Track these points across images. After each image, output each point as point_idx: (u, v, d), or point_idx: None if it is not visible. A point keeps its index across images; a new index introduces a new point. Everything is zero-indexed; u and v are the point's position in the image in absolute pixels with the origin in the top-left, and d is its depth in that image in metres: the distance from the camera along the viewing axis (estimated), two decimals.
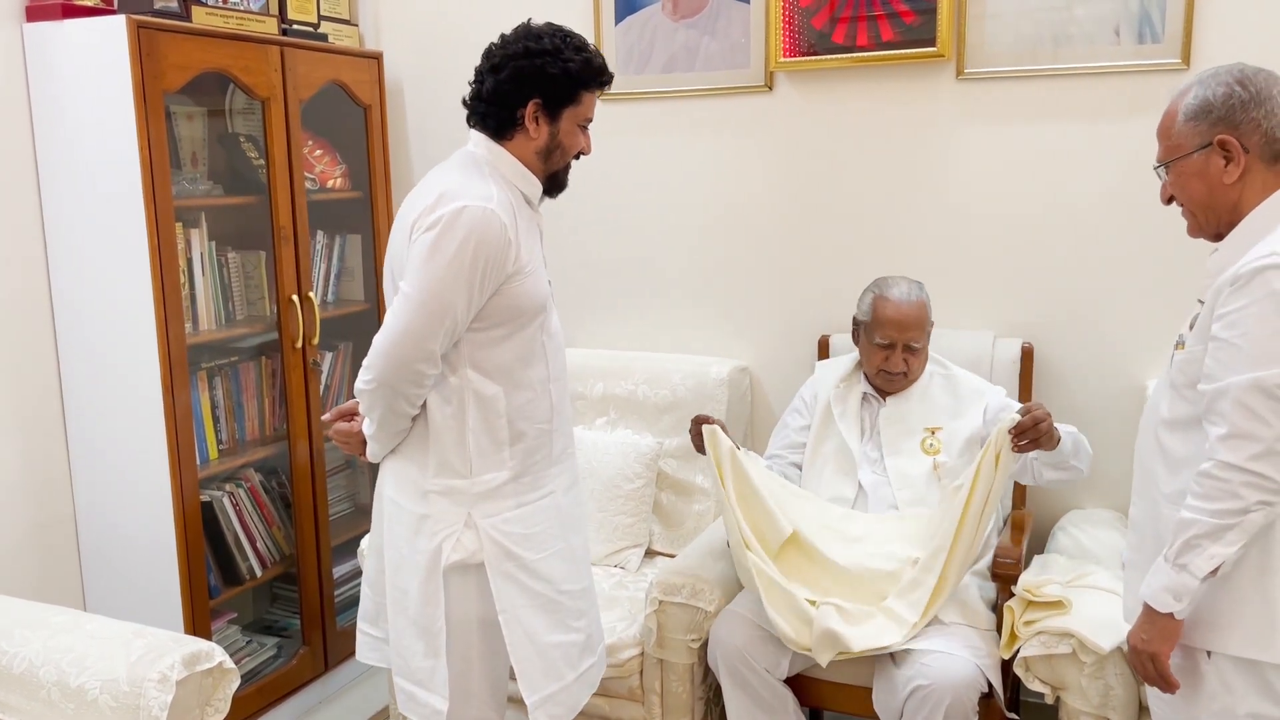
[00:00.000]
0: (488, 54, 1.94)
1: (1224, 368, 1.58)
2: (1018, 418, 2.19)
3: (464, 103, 1.98)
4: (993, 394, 2.55)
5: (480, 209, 1.81)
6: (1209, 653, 1.66)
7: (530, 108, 1.90)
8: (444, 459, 1.94)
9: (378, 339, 1.87)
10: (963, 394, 2.56)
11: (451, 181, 1.88)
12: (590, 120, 1.98)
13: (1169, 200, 1.78)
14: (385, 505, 2.05)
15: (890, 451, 2.53)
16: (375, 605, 2.13)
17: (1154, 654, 1.67)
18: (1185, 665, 1.70)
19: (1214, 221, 1.72)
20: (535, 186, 1.98)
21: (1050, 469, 2.36)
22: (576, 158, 2.01)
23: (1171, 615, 1.64)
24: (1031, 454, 2.28)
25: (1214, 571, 1.59)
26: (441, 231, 1.80)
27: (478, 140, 1.97)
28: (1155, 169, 1.78)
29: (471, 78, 1.98)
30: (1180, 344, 1.72)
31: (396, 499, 2.00)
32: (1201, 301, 1.70)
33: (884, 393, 2.58)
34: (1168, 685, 1.69)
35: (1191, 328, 1.70)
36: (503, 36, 1.95)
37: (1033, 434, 2.18)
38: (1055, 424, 2.21)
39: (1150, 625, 1.67)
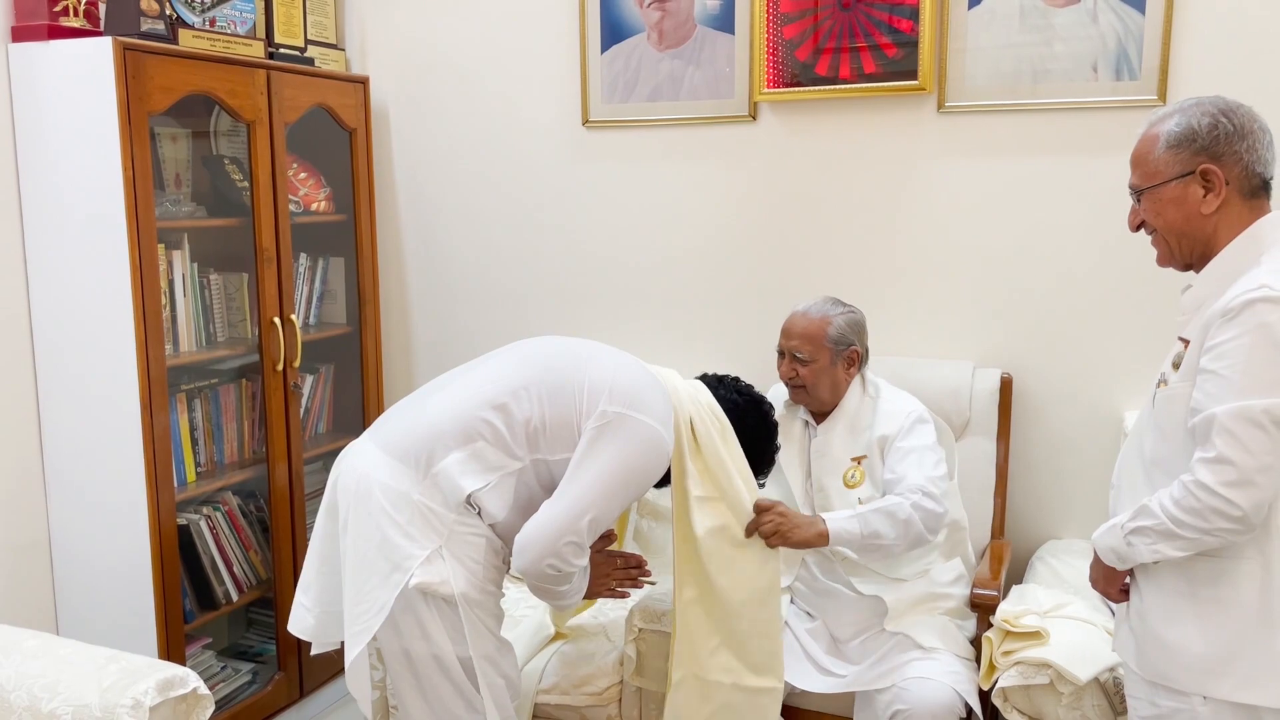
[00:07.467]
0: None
1: (1211, 399, 1.57)
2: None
3: (716, 379, 2.37)
4: (905, 415, 2.40)
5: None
6: (1204, 697, 1.64)
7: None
8: (450, 478, 1.99)
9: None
10: (880, 416, 2.42)
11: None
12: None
13: (1138, 227, 1.77)
14: (354, 489, 2.03)
15: (818, 489, 2.43)
16: (317, 576, 2.14)
17: (1103, 592, 1.84)
18: (1181, 709, 1.67)
19: (1187, 250, 1.72)
20: None
21: (859, 553, 2.31)
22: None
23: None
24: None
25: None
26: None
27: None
28: (1131, 195, 1.76)
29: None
30: (1163, 381, 1.71)
31: (378, 496, 2.00)
32: (1183, 340, 1.68)
33: (813, 414, 2.51)
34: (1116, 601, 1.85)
35: (1176, 367, 1.68)
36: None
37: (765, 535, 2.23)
38: (863, 509, 2.26)
39: (1099, 568, 1.81)
